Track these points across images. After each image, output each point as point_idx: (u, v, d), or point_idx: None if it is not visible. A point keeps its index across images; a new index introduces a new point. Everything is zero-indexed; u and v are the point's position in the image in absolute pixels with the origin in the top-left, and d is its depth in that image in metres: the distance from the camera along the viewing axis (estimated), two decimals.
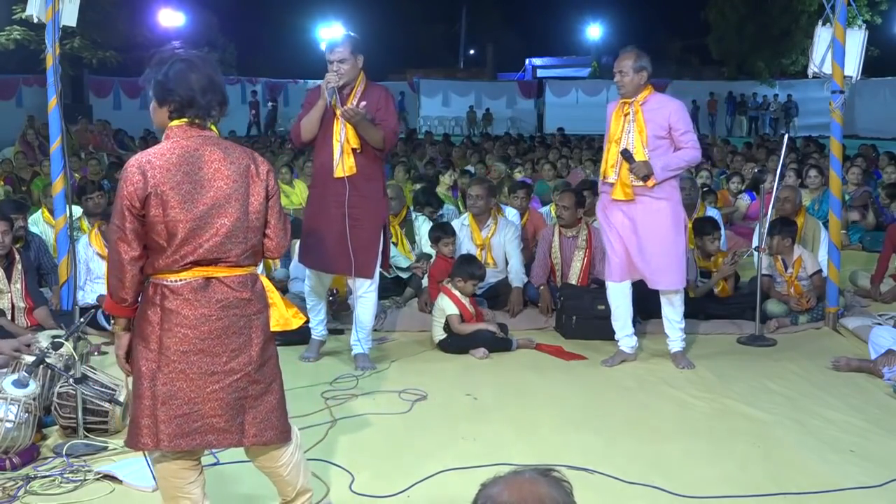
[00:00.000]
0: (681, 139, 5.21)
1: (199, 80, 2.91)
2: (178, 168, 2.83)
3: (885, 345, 5.30)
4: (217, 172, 2.88)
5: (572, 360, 5.70)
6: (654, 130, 5.17)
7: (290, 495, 3.21)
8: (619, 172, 5.22)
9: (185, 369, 2.87)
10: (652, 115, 5.19)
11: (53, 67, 5.79)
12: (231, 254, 2.90)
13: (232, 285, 2.91)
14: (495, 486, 1.66)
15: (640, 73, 5.17)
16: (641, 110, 5.19)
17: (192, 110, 2.91)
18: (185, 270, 2.86)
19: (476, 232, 6.84)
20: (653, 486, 3.77)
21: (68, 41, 21.46)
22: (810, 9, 29.08)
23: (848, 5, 6.19)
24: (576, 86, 33.88)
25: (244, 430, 2.96)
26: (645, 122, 5.16)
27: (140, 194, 2.79)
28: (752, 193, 9.99)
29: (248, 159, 2.96)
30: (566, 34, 43.42)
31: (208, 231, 2.85)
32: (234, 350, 2.91)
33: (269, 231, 3.02)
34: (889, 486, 3.77)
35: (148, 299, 2.90)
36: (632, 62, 5.16)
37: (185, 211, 2.82)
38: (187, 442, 2.89)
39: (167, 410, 2.86)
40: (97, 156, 15.04)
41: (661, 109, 5.20)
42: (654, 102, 5.23)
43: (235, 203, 2.89)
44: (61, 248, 5.90)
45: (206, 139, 2.92)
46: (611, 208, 5.36)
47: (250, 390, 2.95)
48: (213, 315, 2.88)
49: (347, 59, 5.10)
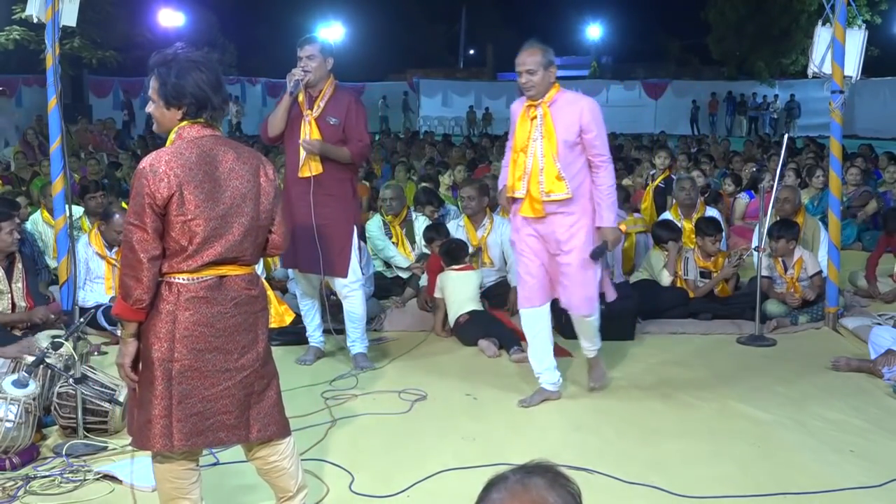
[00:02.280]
0: (592, 143, 4.51)
1: (209, 79, 2.92)
2: (199, 167, 2.83)
3: (885, 345, 5.30)
4: (232, 172, 2.89)
5: (561, 357, 5.70)
6: (565, 134, 4.47)
7: (292, 489, 3.21)
8: (528, 186, 4.55)
9: (200, 367, 2.87)
10: (561, 115, 4.51)
11: (53, 67, 5.78)
12: (247, 252, 2.93)
13: (243, 283, 2.94)
14: (498, 492, 1.58)
15: (549, 70, 4.51)
16: (550, 112, 4.52)
17: (206, 111, 2.92)
18: (203, 269, 2.86)
19: (472, 233, 6.84)
20: (653, 486, 3.77)
21: (68, 41, 21.45)
22: (810, 9, 29.08)
23: (848, 5, 6.19)
24: (576, 86, 33.83)
25: (249, 426, 2.99)
26: (554, 125, 4.48)
27: (164, 193, 2.77)
28: (750, 192, 9.99)
29: (257, 160, 3.00)
30: (566, 34, 43.44)
31: (228, 230, 2.87)
32: (244, 347, 2.94)
33: (274, 227, 3.07)
34: (889, 486, 3.77)
35: (163, 299, 2.85)
36: (539, 58, 4.48)
37: (208, 210, 2.82)
38: (202, 440, 2.91)
39: (183, 409, 2.86)
40: (97, 156, 15.03)
41: (570, 108, 4.51)
42: (562, 101, 4.55)
43: (250, 202, 2.92)
44: (61, 248, 5.90)
45: (218, 139, 2.93)
46: (522, 226, 4.71)
47: (256, 386, 2.99)
48: (227, 312, 2.89)
49: (316, 56, 5.13)
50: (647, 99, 32.47)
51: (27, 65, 22.91)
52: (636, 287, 6.54)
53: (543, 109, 4.52)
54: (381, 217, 7.41)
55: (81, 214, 7.55)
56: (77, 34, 21.76)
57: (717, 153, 15.45)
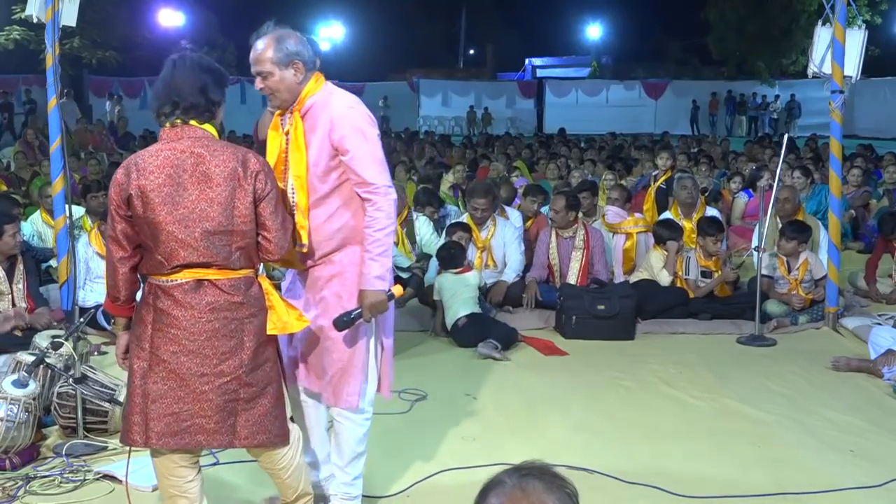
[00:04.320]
0: (350, 168, 3.17)
1: (187, 79, 2.91)
2: (162, 170, 2.84)
3: (885, 345, 5.30)
4: (202, 175, 2.85)
5: (553, 356, 5.73)
6: (317, 156, 3.19)
7: (289, 497, 3.24)
8: None
9: (175, 369, 2.88)
10: (311, 126, 3.22)
11: (53, 67, 5.78)
12: (217, 257, 2.88)
13: (224, 288, 2.90)
14: (496, 497, 1.56)
15: (291, 66, 3.19)
16: (302, 125, 3.24)
17: (186, 112, 2.91)
18: (176, 272, 2.87)
19: (476, 234, 6.86)
20: (653, 486, 3.77)
21: (68, 41, 21.47)
22: (810, 9, 29.05)
23: (848, 5, 6.19)
24: (575, 86, 33.90)
25: (236, 432, 2.95)
26: (306, 144, 3.22)
27: (122, 195, 2.86)
28: (749, 191, 10.00)
29: (236, 162, 2.87)
30: (566, 34, 43.43)
31: (188, 234, 2.84)
32: (224, 353, 2.91)
33: (265, 233, 2.96)
34: (889, 486, 3.78)
35: (143, 298, 2.96)
36: (272, 53, 3.18)
37: (166, 213, 2.83)
38: (176, 441, 2.91)
39: (157, 409, 2.88)
40: (97, 156, 15.04)
41: (320, 119, 3.21)
42: (318, 108, 3.23)
43: (218, 207, 2.85)
44: (61, 248, 5.89)
45: (196, 140, 2.89)
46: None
47: (241, 393, 2.94)
48: (202, 317, 2.88)
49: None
50: (647, 99, 32.46)
51: (27, 65, 22.93)
52: (636, 287, 6.54)
53: (295, 119, 3.25)
54: None
55: (83, 214, 7.55)
56: (77, 34, 21.79)
57: (717, 154, 15.44)
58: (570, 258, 6.73)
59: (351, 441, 3.33)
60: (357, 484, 3.41)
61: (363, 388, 3.28)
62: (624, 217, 7.47)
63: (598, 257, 6.78)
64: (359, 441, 3.34)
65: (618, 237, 7.33)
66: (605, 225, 7.35)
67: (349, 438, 3.33)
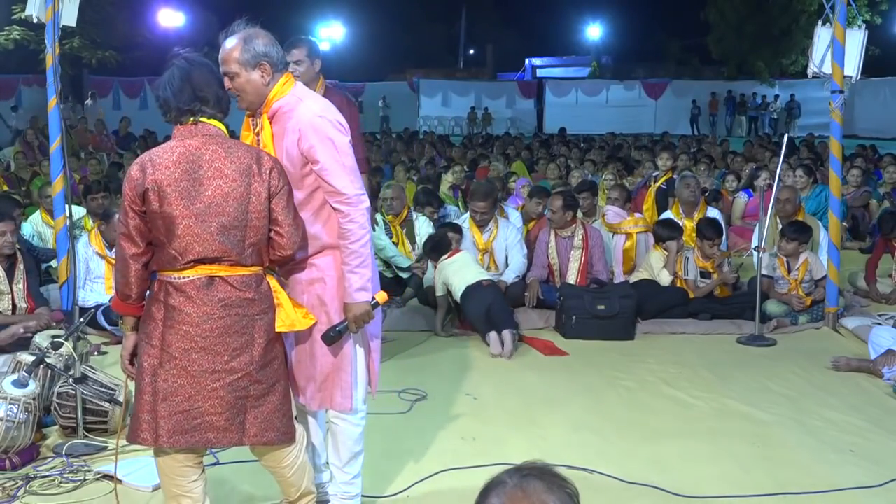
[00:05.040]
0: (321, 176, 3.10)
1: (199, 77, 2.94)
2: (178, 165, 2.86)
3: (885, 345, 5.30)
4: (217, 171, 2.88)
5: (553, 356, 5.73)
6: (287, 164, 3.09)
7: (293, 496, 3.23)
8: None
9: (186, 366, 2.88)
10: (280, 132, 3.13)
11: (53, 67, 5.78)
12: (231, 252, 2.90)
13: (235, 284, 2.91)
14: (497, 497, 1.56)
15: (258, 68, 3.08)
16: (271, 127, 3.16)
17: (206, 106, 2.93)
18: (188, 268, 2.88)
19: (478, 235, 6.86)
20: (653, 486, 3.77)
21: (68, 41, 21.47)
22: (810, 9, 29.08)
23: (848, 5, 6.19)
24: (575, 86, 33.91)
25: (245, 430, 2.96)
26: (276, 148, 3.13)
27: (138, 190, 2.85)
28: (748, 191, 10.00)
29: (251, 158, 2.93)
30: (566, 34, 43.45)
31: (205, 228, 2.86)
32: (235, 349, 2.92)
33: (278, 228, 2.98)
34: (889, 486, 3.78)
35: (153, 295, 2.95)
36: (239, 54, 3.07)
37: (183, 207, 2.84)
38: (186, 439, 2.90)
39: (167, 407, 2.87)
40: (97, 156, 15.04)
41: (288, 126, 3.11)
42: (284, 112, 3.13)
43: (234, 202, 2.88)
44: (61, 248, 5.89)
45: (210, 138, 2.93)
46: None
47: (252, 390, 2.95)
48: (214, 314, 2.89)
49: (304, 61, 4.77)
50: (647, 99, 32.48)
51: (27, 65, 22.93)
52: (636, 287, 6.54)
53: (263, 123, 3.17)
54: (381, 217, 7.41)
55: (84, 214, 7.55)
56: (77, 34, 21.80)
57: (717, 154, 15.44)
58: (570, 258, 6.73)
59: (348, 441, 3.35)
60: (356, 483, 3.42)
61: (354, 390, 3.28)
62: (624, 217, 7.47)
63: (597, 257, 6.78)
64: (356, 440, 3.36)
65: (618, 237, 7.33)
66: (604, 225, 7.35)
67: (346, 438, 3.34)
